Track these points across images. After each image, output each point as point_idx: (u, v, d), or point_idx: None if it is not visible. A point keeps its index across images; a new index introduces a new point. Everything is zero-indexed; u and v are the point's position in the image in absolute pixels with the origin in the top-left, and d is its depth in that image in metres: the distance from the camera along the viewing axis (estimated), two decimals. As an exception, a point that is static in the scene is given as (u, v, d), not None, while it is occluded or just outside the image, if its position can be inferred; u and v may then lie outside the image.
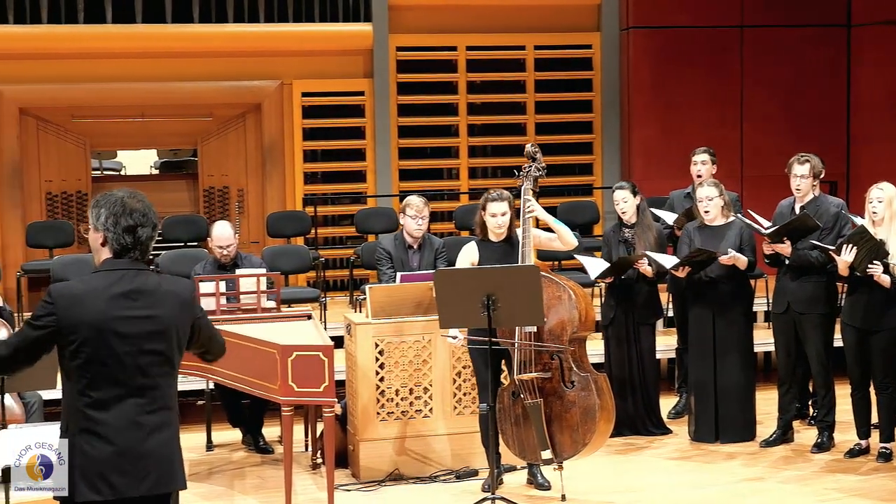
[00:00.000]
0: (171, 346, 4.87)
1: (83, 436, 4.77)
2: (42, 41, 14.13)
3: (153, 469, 4.79)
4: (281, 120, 14.83)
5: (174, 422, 4.93)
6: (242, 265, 10.25)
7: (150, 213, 4.95)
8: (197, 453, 10.07)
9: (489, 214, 8.63)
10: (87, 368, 4.74)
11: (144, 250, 4.91)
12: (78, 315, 4.73)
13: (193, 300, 5.04)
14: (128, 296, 4.79)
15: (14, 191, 14.19)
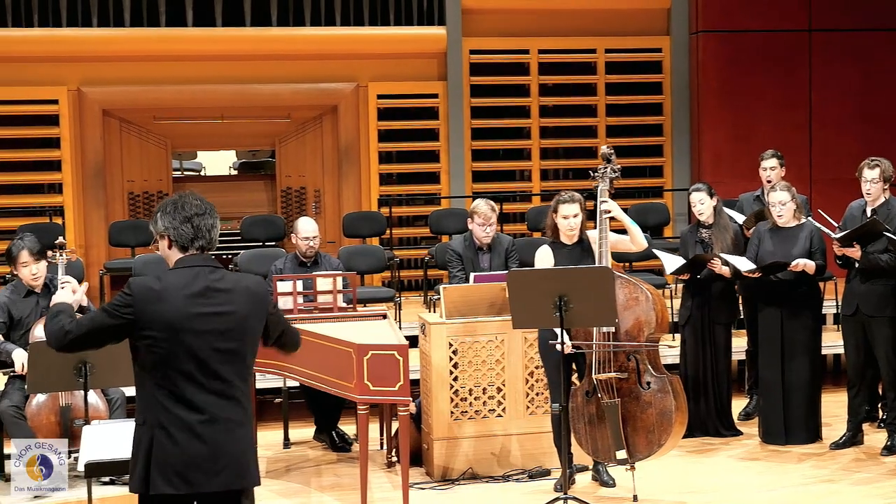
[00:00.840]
0: (244, 343, 4.89)
1: (160, 430, 4.77)
2: (125, 44, 14.24)
3: (227, 465, 4.80)
4: (357, 121, 14.85)
5: (248, 419, 4.94)
6: (322, 264, 10.27)
7: (207, 205, 4.98)
8: (274, 451, 10.07)
9: (560, 216, 8.58)
10: (164, 364, 4.77)
11: (209, 240, 4.92)
12: (156, 311, 4.76)
13: (267, 295, 5.04)
14: (203, 293, 4.81)
15: (97, 190, 14.31)
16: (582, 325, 8.21)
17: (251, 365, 5.00)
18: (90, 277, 13.33)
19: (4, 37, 13.94)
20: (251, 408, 5.02)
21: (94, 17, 14.18)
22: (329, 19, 14.72)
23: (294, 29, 14.63)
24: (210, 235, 4.95)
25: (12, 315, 8.67)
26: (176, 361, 4.77)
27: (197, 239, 4.90)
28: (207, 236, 4.94)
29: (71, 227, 13.92)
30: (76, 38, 14.15)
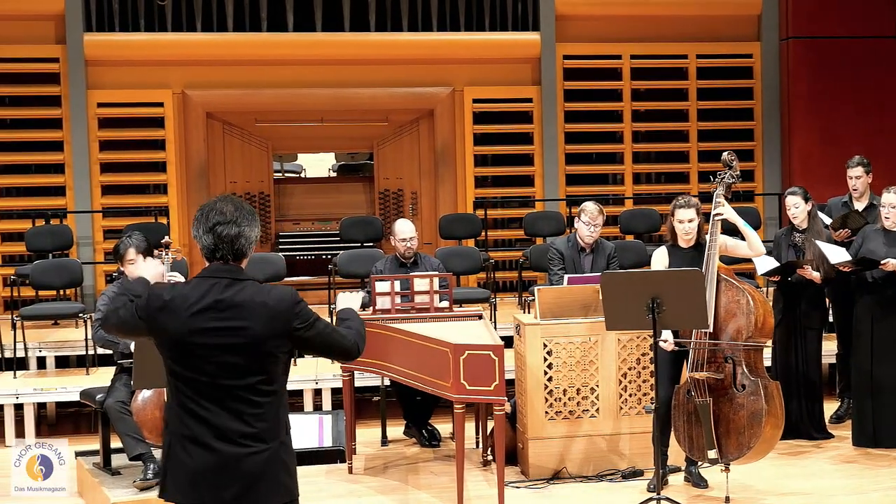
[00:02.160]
0: (258, 360, 4.60)
1: (175, 439, 4.64)
2: (228, 48, 14.36)
3: (237, 481, 4.59)
4: (453, 125, 14.86)
5: (269, 435, 4.64)
6: (421, 264, 10.30)
7: (237, 214, 4.69)
8: (372, 448, 10.09)
9: (677, 220, 8.58)
10: (176, 374, 4.63)
11: (231, 250, 4.66)
12: (162, 321, 4.62)
13: (288, 313, 4.65)
14: (214, 307, 4.58)
15: (201, 191, 14.43)
16: (674, 326, 8.18)
17: (275, 380, 4.67)
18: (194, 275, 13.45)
19: (112, 41, 14.11)
20: (277, 424, 4.68)
21: (198, 22, 14.31)
22: (426, 24, 14.75)
23: (392, 34, 14.67)
24: (234, 245, 4.67)
25: (120, 311, 8.73)
26: (186, 374, 4.61)
27: (218, 249, 4.67)
28: (229, 247, 4.66)
29: (175, 226, 14.05)
30: (181, 43, 14.29)
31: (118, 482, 8.33)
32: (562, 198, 14.71)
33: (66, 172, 14.10)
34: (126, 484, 8.22)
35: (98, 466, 8.70)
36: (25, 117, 14.15)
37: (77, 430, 11.25)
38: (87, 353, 11.36)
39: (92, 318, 9.22)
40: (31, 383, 10.94)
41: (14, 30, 14.01)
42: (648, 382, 9.07)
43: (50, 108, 14.14)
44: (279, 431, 4.68)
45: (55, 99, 14.14)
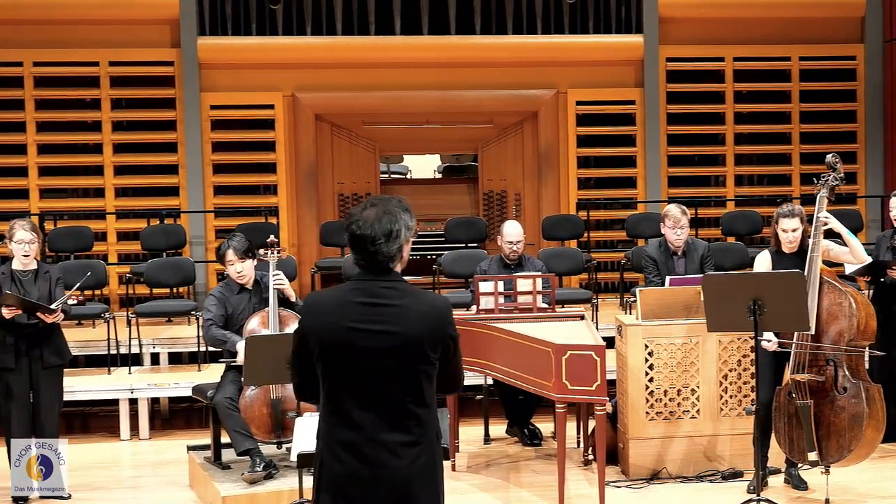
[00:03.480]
0: (413, 364, 4.50)
1: (326, 446, 4.57)
2: (336, 52, 14.46)
3: (390, 487, 4.50)
4: (556, 127, 14.84)
5: (422, 440, 4.54)
6: (525, 265, 10.29)
7: (378, 224, 4.53)
8: (475, 446, 10.12)
9: (781, 230, 8.51)
10: (329, 380, 4.55)
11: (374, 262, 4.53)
12: (317, 325, 4.55)
13: (442, 321, 4.57)
14: (369, 308, 4.50)
15: (310, 192, 14.56)
16: (775, 328, 8.10)
17: (429, 385, 4.56)
18: (302, 275, 13.60)
19: (225, 45, 14.28)
20: (432, 430, 4.59)
21: (308, 26, 14.43)
22: (531, 27, 14.74)
23: (497, 37, 14.68)
24: (384, 254, 4.53)
25: (227, 310, 8.82)
26: (339, 378, 4.52)
27: (361, 258, 4.58)
28: (379, 256, 4.53)
29: (285, 226, 14.17)
30: (291, 46, 14.42)
31: (228, 476, 8.43)
32: (664, 199, 14.60)
33: (180, 173, 14.29)
34: (236, 478, 8.31)
35: (209, 461, 8.82)
36: (141, 119, 14.36)
37: (189, 426, 11.46)
38: (199, 349, 11.54)
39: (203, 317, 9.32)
40: (145, 379, 11.12)
41: (131, 34, 14.23)
42: (749, 384, 9.00)
43: (165, 111, 14.35)
44: (433, 436, 4.61)
45: (170, 101, 14.34)
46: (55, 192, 14.42)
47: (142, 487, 9.22)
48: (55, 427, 8.64)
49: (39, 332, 8.52)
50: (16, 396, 8.52)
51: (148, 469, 9.88)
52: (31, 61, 14.11)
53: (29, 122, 14.14)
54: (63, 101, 14.30)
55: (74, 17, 14.06)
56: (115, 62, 14.23)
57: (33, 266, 8.62)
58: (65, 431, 8.86)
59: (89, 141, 14.38)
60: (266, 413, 8.47)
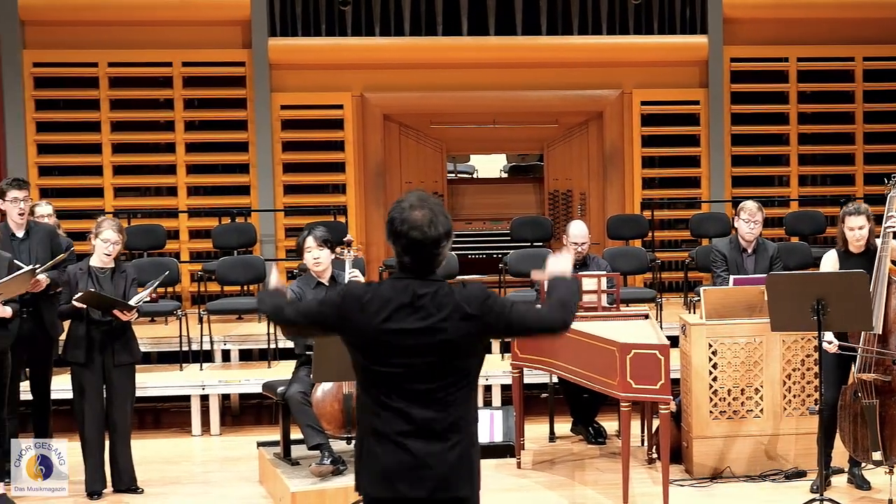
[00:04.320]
0: (453, 358, 4.54)
1: (368, 436, 4.60)
2: (404, 52, 14.50)
3: (431, 475, 4.53)
4: (621, 127, 14.81)
5: (461, 430, 4.58)
6: (591, 265, 10.29)
7: (426, 223, 4.56)
8: (540, 444, 10.12)
9: (847, 228, 8.44)
10: (369, 371, 4.58)
11: (418, 259, 4.57)
12: (356, 318, 4.55)
13: (481, 308, 4.55)
14: (408, 305, 4.52)
15: (378, 191, 14.62)
16: (839, 328, 8.03)
17: (468, 376, 4.61)
18: (371, 273, 13.64)
19: (295, 45, 14.38)
20: (468, 418, 4.62)
21: (377, 27, 14.49)
22: (596, 28, 14.72)
23: (562, 38, 14.67)
24: (429, 251, 4.56)
25: (302, 303, 8.86)
26: (379, 370, 4.54)
27: (403, 256, 4.61)
28: (424, 253, 4.56)
29: (353, 225, 14.23)
30: (360, 47, 14.48)
31: (297, 472, 8.46)
32: (728, 199, 14.55)
33: (251, 172, 14.40)
34: (305, 474, 8.34)
35: (278, 457, 8.86)
36: (213, 119, 14.49)
37: (259, 422, 11.53)
38: (269, 346, 11.60)
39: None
40: (216, 375, 11.21)
41: (203, 35, 14.35)
42: (812, 384, 8.95)
43: (236, 111, 14.46)
44: (470, 422, 4.64)
45: (241, 101, 14.45)
46: (129, 190, 14.59)
47: (212, 482, 9.28)
48: (127, 423, 8.72)
49: (113, 330, 8.60)
50: (88, 392, 8.60)
51: (218, 464, 9.95)
52: (106, 62, 14.27)
53: (104, 122, 14.30)
54: (137, 101, 14.45)
55: (149, 19, 14.21)
56: (187, 63, 14.37)
57: (111, 264, 8.71)
58: (137, 427, 8.95)
59: (162, 140, 14.53)
60: (337, 408, 8.50)
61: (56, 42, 14.21)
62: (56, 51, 14.19)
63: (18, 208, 9.01)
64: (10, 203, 9.00)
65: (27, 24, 14.17)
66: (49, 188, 14.21)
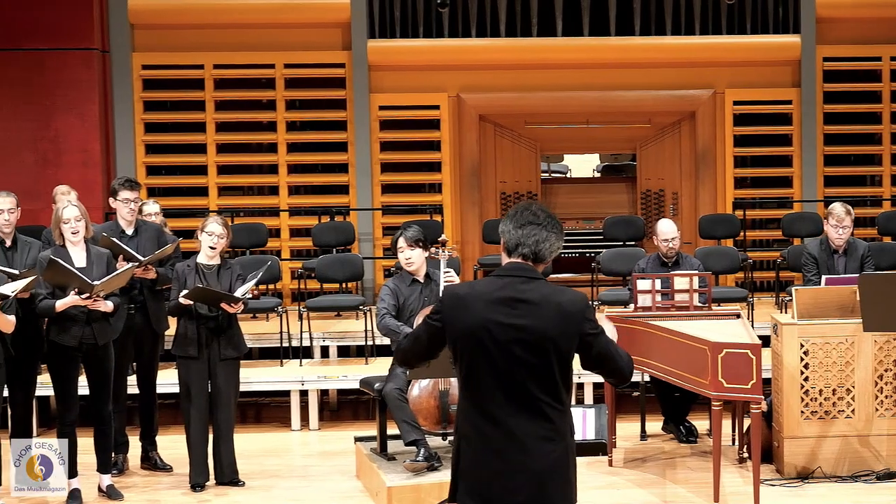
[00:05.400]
0: (551, 360, 4.47)
1: (465, 441, 4.56)
2: (500, 53, 14.48)
3: (527, 482, 4.48)
4: (713, 127, 14.67)
5: (560, 436, 4.53)
6: (683, 264, 10.23)
7: (547, 220, 4.61)
8: (631, 442, 10.06)
9: None
10: (470, 374, 4.53)
11: (533, 251, 4.56)
12: (458, 317, 4.54)
13: (580, 316, 4.53)
14: (507, 303, 4.48)
15: (473, 190, 14.62)
16: (932, 328, 7.90)
17: (566, 381, 4.55)
18: (465, 272, 13.64)
19: (394, 47, 14.41)
20: (564, 424, 4.55)
21: (473, 29, 14.48)
22: (689, 28, 14.59)
23: (656, 38, 14.56)
24: (537, 247, 4.56)
25: (399, 301, 8.86)
26: (479, 372, 4.50)
27: (521, 246, 4.57)
28: (533, 247, 4.56)
29: (448, 223, 14.25)
30: (457, 48, 14.47)
31: (393, 467, 8.48)
32: (820, 199, 14.35)
33: (350, 172, 14.46)
34: (401, 469, 8.35)
35: (375, 452, 8.89)
36: (313, 119, 14.58)
37: (356, 417, 11.57)
38: (367, 343, 11.65)
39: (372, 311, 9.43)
40: (315, 371, 11.24)
41: (305, 37, 14.42)
42: (905, 384, 8.82)
43: (336, 111, 14.53)
44: (566, 431, 4.58)
45: (340, 102, 14.51)
46: (232, 189, 14.72)
47: (311, 476, 9.33)
48: (231, 417, 8.79)
49: (220, 325, 8.69)
50: (194, 387, 8.69)
51: (317, 458, 9.99)
52: (211, 64, 14.41)
53: (209, 123, 14.45)
54: (240, 102, 14.58)
55: (252, 22, 14.32)
56: (289, 64, 14.46)
57: (217, 261, 8.80)
58: (239, 421, 9.02)
59: (265, 141, 14.65)
60: (434, 405, 8.51)
61: (164, 45, 14.37)
62: (164, 53, 14.36)
63: (129, 208, 9.14)
64: (121, 202, 9.13)
65: (136, 28, 14.34)
66: (156, 187, 14.38)
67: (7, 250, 8.71)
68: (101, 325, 8.36)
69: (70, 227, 8.29)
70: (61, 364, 8.39)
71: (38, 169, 13.79)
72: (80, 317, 8.27)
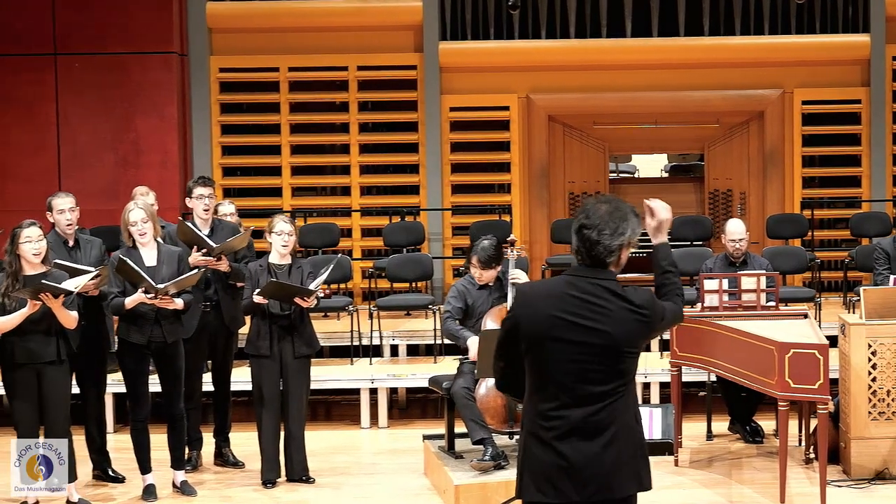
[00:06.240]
0: (614, 358, 4.44)
1: (532, 438, 4.52)
2: (569, 54, 14.39)
3: (594, 478, 4.43)
4: (782, 127, 14.47)
5: (623, 433, 4.47)
6: (751, 264, 10.12)
7: (602, 221, 4.49)
8: (698, 442, 9.92)
9: None
10: (537, 372, 4.50)
11: (588, 255, 4.48)
12: (527, 315, 4.51)
13: (647, 314, 4.49)
14: (576, 304, 4.43)
15: (542, 190, 14.54)
16: None
17: (630, 376, 4.52)
18: (533, 272, 13.57)
19: (465, 49, 14.37)
20: (629, 416, 4.52)
21: (543, 30, 14.40)
22: (757, 28, 14.40)
23: (724, 38, 14.39)
24: (591, 251, 4.47)
25: (467, 303, 8.83)
26: (546, 370, 4.46)
27: (578, 251, 4.52)
28: (586, 251, 4.48)
29: (517, 223, 14.18)
30: (526, 50, 14.40)
31: (461, 465, 8.43)
32: (889, 198, 14.12)
33: (420, 172, 14.43)
34: (468, 467, 8.31)
35: (443, 450, 8.84)
36: (385, 121, 14.59)
37: (424, 415, 11.53)
38: (436, 342, 11.62)
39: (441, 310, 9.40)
40: (384, 369, 11.24)
41: (377, 40, 14.42)
42: (975, 386, 8.62)
43: (407, 113, 14.51)
44: (632, 423, 4.54)
45: (412, 104, 14.50)
46: (305, 190, 14.75)
47: (380, 473, 9.31)
48: (302, 414, 8.78)
49: (292, 323, 8.69)
50: (267, 384, 8.69)
51: (385, 456, 9.96)
52: (286, 66, 14.45)
53: (283, 125, 14.49)
54: (314, 105, 14.60)
55: (326, 25, 14.35)
56: (362, 66, 14.45)
57: (288, 260, 8.80)
58: (309, 418, 9.00)
59: (337, 142, 14.67)
60: (501, 404, 8.46)
61: (240, 48, 14.44)
62: (240, 56, 14.43)
63: (203, 205, 9.16)
64: (196, 200, 9.17)
65: (214, 32, 14.42)
66: (232, 188, 14.45)
67: (70, 249, 8.75)
68: (170, 324, 8.39)
69: (137, 230, 8.33)
70: (131, 362, 8.44)
71: (118, 169, 13.91)
72: (150, 315, 8.30)
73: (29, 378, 7.89)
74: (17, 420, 8.02)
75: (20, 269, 7.81)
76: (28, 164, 13.82)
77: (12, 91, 13.85)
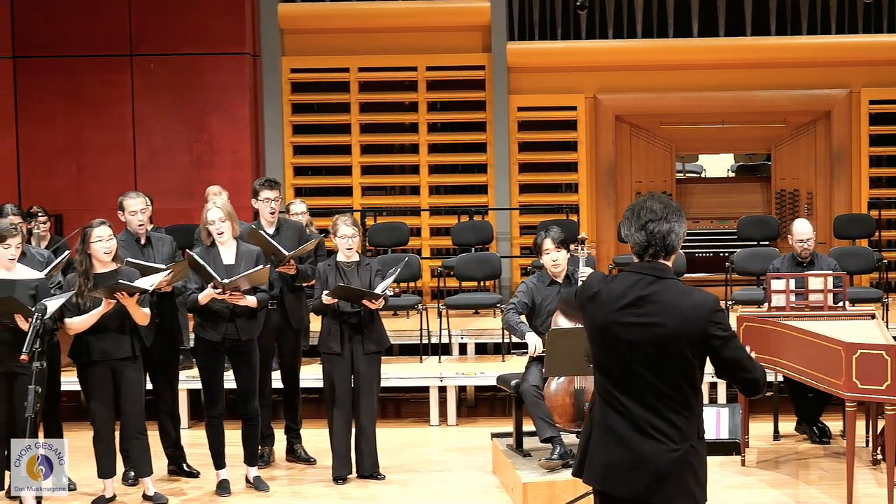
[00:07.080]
0: (673, 359, 4.39)
1: (596, 428, 4.57)
2: (636, 54, 14.35)
3: (643, 475, 4.42)
4: (849, 126, 14.33)
5: (683, 435, 4.43)
6: (818, 264, 10.03)
7: (666, 211, 4.53)
8: (765, 442, 9.84)
9: None
10: (599, 366, 4.55)
11: (663, 246, 4.49)
12: (591, 311, 4.56)
13: (703, 321, 4.40)
14: (634, 303, 4.44)
15: (609, 190, 14.50)
16: None
17: (690, 382, 4.45)
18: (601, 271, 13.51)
19: (532, 49, 14.38)
20: (689, 427, 4.44)
21: (610, 30, 14.36)
22: (824, 27, 14.27)
23: (791, 38, 14.29)
24: (665, 242, 4.49)
25: (535, 300, 8.81)
26: (607, 365, 4.51)
27: (650, 246, 4.50)
28: (661, 243, 4.49)
29: (584, 223, 14.14)
30: (594, 50, 14.37)
31: (529, 464, 8.42)
32: (958, 199, 13.98)
33: (488, 172, 14.44)
34: (536, 466, 8.31)
35: (511, 448, 8.84)
36: (453, 121, 14.60)
37: (492, 413, 11.53)
38: (503, 341, 11.60)
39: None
40: (453, 368, 11.23)
41: (446, 40, 14.44)
42: None
43: (475, 113, 14.52)
44: (691, 434, 4.47)
45: (480, 104, 14.50)
46: (375, 189, 14.80)
47: (449, 471, 9.32)
48: (373, 411, 8.80)
49: (362, 321, 8.72)
50: (338, 381, 8.73)
51: (454, 454, 9.97)
52: (356, 67, 14.50)
53: (354, 125, 14.55)
54: (383, 105, 14.65)
55: (396, 26, 14.38)
56: (431, 67, 14.48)
57: (355, 258, 8.83)
58: (379, 416, 9.01)
59: (406, 142, 14.70)
60: (569, 402, 8.44)
61: (311, 49, 14.50)
62: (311, 57, 14.50)
63: (270, 207, 9.21)
64: (262, 202, 9.22)
65: (286, 33, 14.50)
66: (303, 187, 14.53)
67: (142, 247, 8.84)
68: (245, 321, 8.45)
69: (215, 229, 8.40)
70: (206, 358, 8.51)
71: (192, 169, 14.03)
72: (225, 312, 8.37)
73: (104, 375, 8.01)
74: (94, 416, 8.14)
75: (91, 267, 7.93)
76: (105, 164, 13.96)
77: (89, 92, 14.00)
